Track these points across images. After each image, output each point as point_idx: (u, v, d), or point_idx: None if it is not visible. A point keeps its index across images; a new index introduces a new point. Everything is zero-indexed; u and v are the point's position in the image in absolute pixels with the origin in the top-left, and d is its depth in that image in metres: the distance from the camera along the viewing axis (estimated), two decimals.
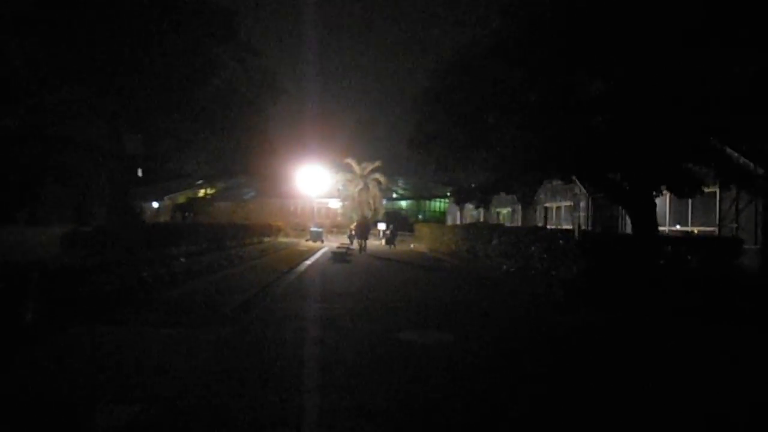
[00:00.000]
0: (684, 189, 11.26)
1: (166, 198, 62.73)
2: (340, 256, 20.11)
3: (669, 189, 11.74)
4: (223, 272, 13.60)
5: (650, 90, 10.53)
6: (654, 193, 12.03)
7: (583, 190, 20.80)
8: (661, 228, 14.28)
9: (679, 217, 16.06)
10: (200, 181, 74.46)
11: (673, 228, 15.69)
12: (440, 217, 58.53)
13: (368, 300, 10.08)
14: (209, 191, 71.89)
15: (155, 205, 61.64)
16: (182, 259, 13.23)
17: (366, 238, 24.22)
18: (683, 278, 10.06)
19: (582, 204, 21.05)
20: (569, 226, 20.44)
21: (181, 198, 65.22)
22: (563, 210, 23.39)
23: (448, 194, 66.64)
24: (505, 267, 16.32)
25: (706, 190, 12.59)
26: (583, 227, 20.47)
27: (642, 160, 10.98)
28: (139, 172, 17.14)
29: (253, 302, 9.33)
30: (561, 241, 12.03)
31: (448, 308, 9.51)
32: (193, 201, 63.76)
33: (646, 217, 11.63)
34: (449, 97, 13.14)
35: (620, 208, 19.93)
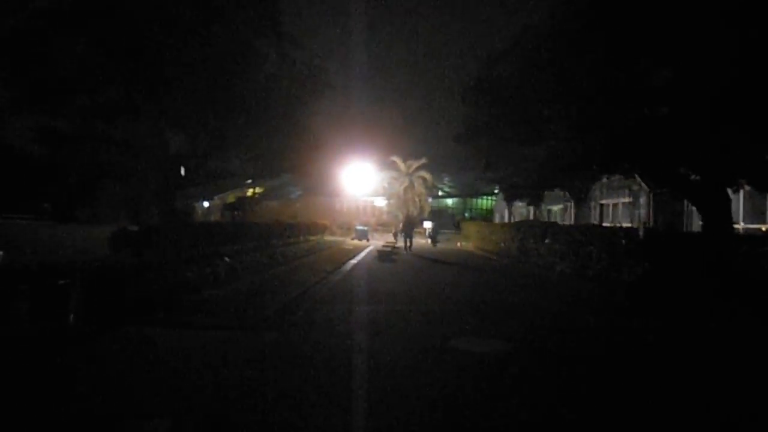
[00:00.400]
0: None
1: (215, 197, 64.19)
2: (385, 255, 19.71)
3: (750, 182, 10.64)
4: (267, 272, 13.39)
5: (723, 73, 9.52)
6: (729, 187, 10.95)
7: (644, 186, 19.54)
8: (735, 226, 13.10)
9: (756, 214, 14.70)
10: (248, 181, 75.83)
11: (749, 226, 14.33)
12: (487, 215, 57.30)
13: (416, 302, 9.57)
14: (257, 190, 73.17)
15: (206, 204, 63.20)
16: (227, 259, 13.08)
17: (411, 237, 23.67)
18: (763, 282, 9.04)
19: (642, 200, 19.77)
20: (627, 224, 19.26)
21: (230, 197, 66.60)
22: (620, 207, 22.10)
23: (496, 191, 65.29)
24: (559, 268, 15.45)
25: None
26: (645, 225, 19.24)
27: (717, 152, 9.97)
28: (182, 171, 17.13)
29: (296, 304, 8.98)
30: (623, 241, 11.14)
31: (501, 313, 8.87)
32: (242, 200, 64.92)
33: (720, 213, 10.58)
34: (500, 88, 12.45)
35: (685, 204, 18.61)
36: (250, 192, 72.62)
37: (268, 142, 17.26)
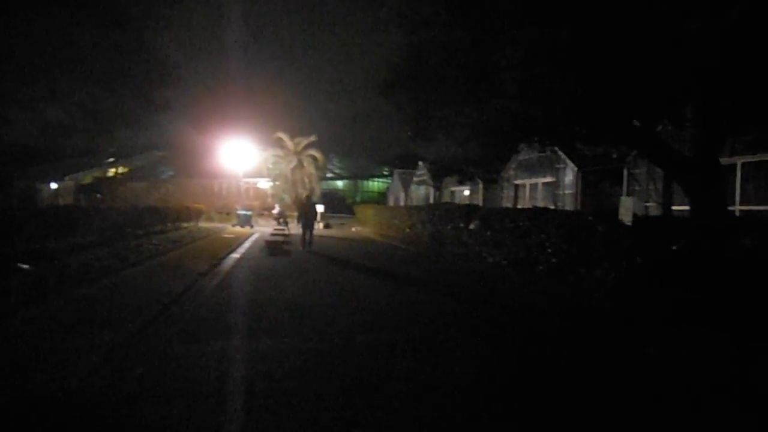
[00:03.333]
0: None
1: (66, 178, 54.92)
2: (276, 247, 15.95)
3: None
4: (103, 281, 9.14)
5: None
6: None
7: (570, 163, 17.78)
8: (730, 208, 11.25)
9: (754, 193, 12.11)
10: (111, 159, 66.52)
11: (746, 208, 11.99)
12: (378, 198, 54.98)
13: (337, 331, 6.19)
14: (121, 170, 64.21)
15: (53, 186, 53.72)
16: (24, 266, 8.71)
17: (312, 229, 16.56)
18: None
19: (568, 180, 18.05)
20: (550, 207, 17.37)
21: (86, 178, 57.44)
22: (540, 187, 20.37)
23: (386, 172, 63.22)
24: (491, 259, 12.89)
25: None
26: (568, 207, 17.47)
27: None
28: None
29: (135, 351, 5.17)
30: (599, 228, 8.63)
31: (450, 333, 5.84)
32: (101, 181, 56.25)
33: (714, 190, 8.45)
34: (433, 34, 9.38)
35: (610, 185, 17.08)
36: (112, 172, 63.58)
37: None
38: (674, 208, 13.12)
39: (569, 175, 17.91)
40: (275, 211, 30.61)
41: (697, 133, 8.34)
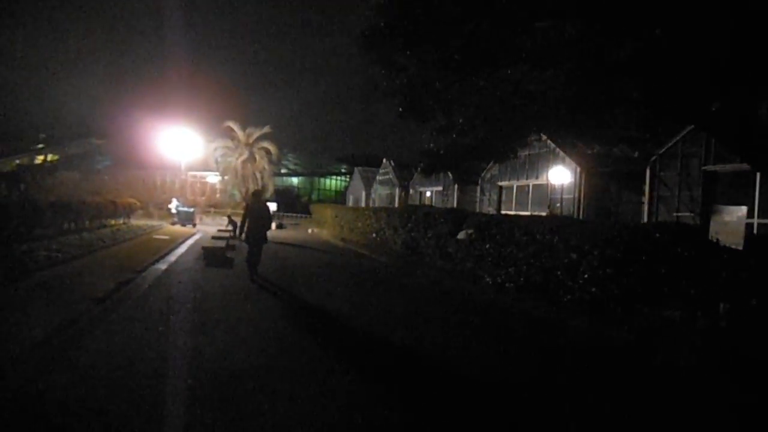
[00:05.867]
0: None
1: None
2: (216, 255, 12.71)
3: None
4: None
5: None
6: None
7: (570, 161, 15.27)
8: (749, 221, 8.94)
9: None
10: (40, 145, 60.34)
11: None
12: (336, 198, 51.92)
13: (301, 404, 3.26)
14: (51, 158, 58.23)
15: None
16: None
17: (262, 244, 10.52)
18: None
19: (567, 182, 15.50)
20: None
21: (7, 165, 51.42)
22: (530, 190, 17.80)
23: (343, 170, 60.03)
24: (489, 279, 10.21)
25: None
26: (567, 214, 15.03)
27: None
28: None
29: None
30: (678, 249, 6.03)
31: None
32: (26, 169, 50.40)
33: None
34: None
35: (619, 188, 14.75)
36: (39, 159, 57.53)
37: None
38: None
39: (569, 177, 15.51)
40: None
41: None
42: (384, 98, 8.20)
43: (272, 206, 27.95)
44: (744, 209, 5.44)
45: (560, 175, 15.30)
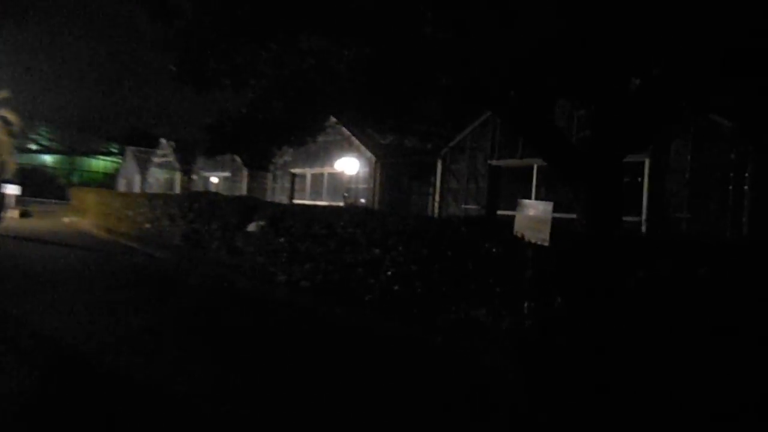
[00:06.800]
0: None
1: None
2: None
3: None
4: None
5: None
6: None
7: (366, 151, 14.86)
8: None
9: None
10: None
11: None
12: (106, 181, 45.11)
13: None
14: None
15: None
16: None
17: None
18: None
19: (362, 171, 15.06)
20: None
21: None
22: (326, 178, 16.92)
23: (115, 150, 52.43)
24: (283, 277, 9.17)
25: None
26: (363, 203, 14.69)
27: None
28: None
29: None
30: (486, 245, 5.72)
31: None
32: None
33: (613, 197, 6.32)
34: None
35: (409, 179, 14.93)
36: None
37: None
38: (501, 212, 11.48)
39: (365, 166, 15.21)
40: None
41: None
42: (156, 54, 6.46)
43: (12, 189, 22.48)
44: (550, 204, 5.35)
45: (351, 164, 14.89)
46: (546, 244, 5.23)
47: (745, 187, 8.02)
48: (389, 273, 6.98)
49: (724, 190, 8.29)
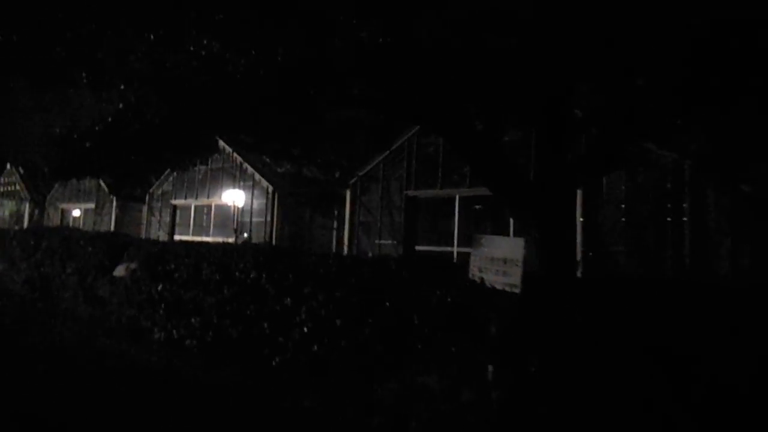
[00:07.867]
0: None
1: None
2: None
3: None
4: None
5: None
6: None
7: (262, 181, 13.16)
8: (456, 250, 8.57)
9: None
10: None
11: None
12: None
13: None
14: None
15: None
16: None
17: None
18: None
19: (257, 203, 13.26)
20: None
21: None
22: (213, 211, 14.71)
23: None
24: (159, 335, 7.32)
25: None
26: (255, 239, 12.89)
27: None
28: None
29: None
30: (437, 291, 4.54)
31: None
32: None
33: (564, 238, 5.49)
34: None
35: (312, 212, 13.46)
36: None
37: None
38: (419, 248, 10.39)
39: (260, 197, 13.48)
40: None
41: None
42: None
43: None
44: (521, 241, 4.34)
45: (239, 196, 13.01)
46: (517, 291, 4.18)
47: (684, 219, 7.84)
48: (305, 329, 5.52)
49: (662, 221, 8.07)
